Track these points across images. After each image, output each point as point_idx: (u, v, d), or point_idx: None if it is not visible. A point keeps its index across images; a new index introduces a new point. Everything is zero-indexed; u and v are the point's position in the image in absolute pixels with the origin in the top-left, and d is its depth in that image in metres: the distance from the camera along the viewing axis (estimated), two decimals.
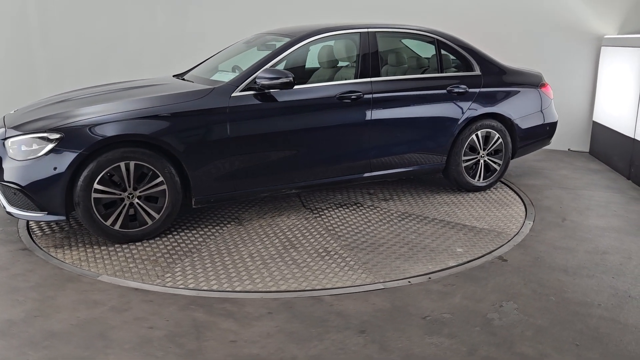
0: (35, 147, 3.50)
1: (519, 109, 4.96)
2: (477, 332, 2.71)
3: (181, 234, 3.95)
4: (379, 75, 4.42)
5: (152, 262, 3.49)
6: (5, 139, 3.62)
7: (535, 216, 4.37)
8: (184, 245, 3.76)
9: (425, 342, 2.62)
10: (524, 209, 4.51)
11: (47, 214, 3.54)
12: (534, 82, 5.13)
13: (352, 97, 4.22)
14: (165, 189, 3.71)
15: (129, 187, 3.63)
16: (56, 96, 4.43)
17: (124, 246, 3.70)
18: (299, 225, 4.11)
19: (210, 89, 3.91)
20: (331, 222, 4.19)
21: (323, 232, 3.98)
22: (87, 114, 3.64)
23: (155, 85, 4.36)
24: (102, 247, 3.69)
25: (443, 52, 4.79)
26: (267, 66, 4.02)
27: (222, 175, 3.89)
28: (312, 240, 3.84)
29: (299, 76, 4.71)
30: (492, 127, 4.83)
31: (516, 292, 3.12)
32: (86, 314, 2.84)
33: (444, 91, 4.62)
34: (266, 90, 3.95)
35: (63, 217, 3.56)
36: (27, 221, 4.15)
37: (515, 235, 3.95)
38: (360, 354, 2.52)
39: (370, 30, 4.47)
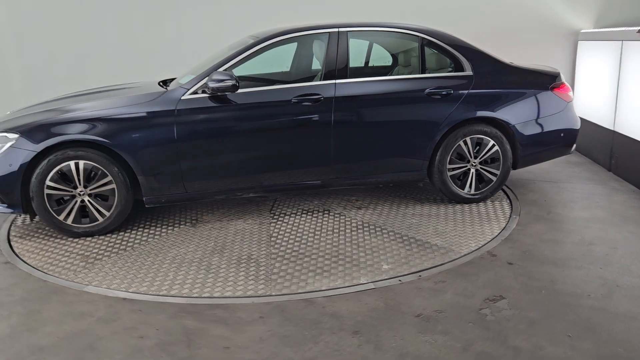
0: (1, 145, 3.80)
1: (521, 113, 4.43)
2: (470, 327, 2.71)
3: (132, 231, 4.08)
4: (346, 77, 4.19)
5: (84, 258, 3.62)
6: None
7: (521, 210, 4.40)
8: (123, 243, 3.87)
9: (420, 339, 2.61)
10: (504, 225, 4.06)
11: (7, 207, 3.83)
12: (543, 83, 4.56)
13: (311, 99, 4.06)
14: (114, 188, 3.87)
15: (80, 184, 3.83)
16: (57, 97, 4.65)
17: (75, 240, 3.92)
18: (247, 231, 4.06)
19: (162, 92, 3.98)
20: (282, 228, 4.08)
21: (264, 238, 3.91)
22: (44, 116, 3.88)
23: (124, 88, 4.50)
24: (48, 240, 3.96)
25: (430, 51, 4.44)
26: (222, 69, 3.99)
27: (171, 177, 3.95)
28: (244, 246, 3.77)
29: (264, 78, 4.66)
30: (485, 133, 4.38)
31: (507, 286, 3.13)
32: (73, 326, 2.78)
33: (422, 93, 4.25)
34: (219, 93, 3.92)
35: (20, 211, 3.82)
36: (8, 234, 4.08)
37: (464, 255, 3.55)
38: (356, 355, 2.50)
39: (341, 30, 4.25)
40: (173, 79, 4.72)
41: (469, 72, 4.40)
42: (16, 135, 3.76)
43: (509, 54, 6.32)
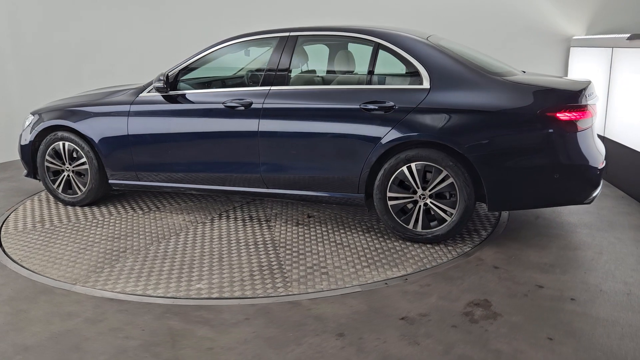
0: (27, 122, 4.79)
1: (486, 141, 3.53)
2: (453, 330, 2.74)
3: (94, 208, 4.70)
4: (286, 84, 4.01)
5: (37, 222, 4.39)
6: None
7: (509, 215, 4.43)
8: (69, 218, 4.46)
9: (402, 342, 2.64)
10: (395, 274, 3.38)
11: (27, 173, 4.85)
12: (530, 105, 3.48)
13: (241, 105, 4.01)
14: (87, 168, 4.54)
15: (66, 162, 4.61)
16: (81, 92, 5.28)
17: (60, 207, 4.76)
18: (171, 225, 4.27)
19: (127, 90, 4.50)
20: (198, 230, 4.15)
21: (167, 235, 4.06)
22: (50, 105, 4.78)
23: (112, 87, 5.02)
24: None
25: (385, 57, 3.88)
26: (174, 71, 4.28)
27: (125, 165, 4.43)
28: (142, 239, 4.00)
29: (213, 82, 4.74)
30: (435, 161, 3.62)
31: (491, 290, 3.16)
32: (60, 326, 2.80)
33: (357, 107, 3.74)
34: (170, 93, 4.26)
35: (32, 176, 4.80)
36: None
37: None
38: (338, 357, 2.52)
39: (291, 34, 4.07)
40: None
41: (425, 84, 3.67)
42: (33, 117, 4.75)
43: (501, 60, 6.37)
